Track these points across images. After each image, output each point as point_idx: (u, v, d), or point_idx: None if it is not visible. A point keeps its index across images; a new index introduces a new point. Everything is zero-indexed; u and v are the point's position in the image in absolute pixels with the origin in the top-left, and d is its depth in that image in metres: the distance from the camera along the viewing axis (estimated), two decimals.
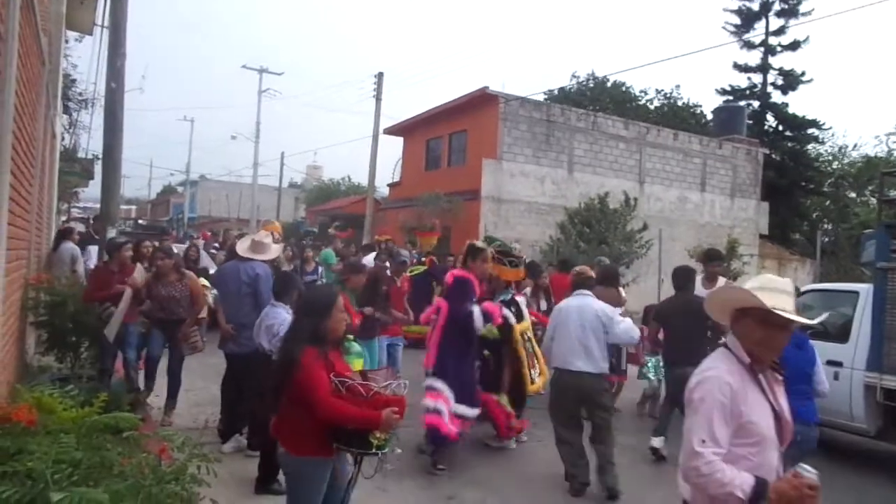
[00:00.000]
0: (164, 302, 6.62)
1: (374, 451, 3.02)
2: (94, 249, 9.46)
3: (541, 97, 23.21)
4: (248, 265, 6.04)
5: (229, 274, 6.22)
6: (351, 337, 3.63)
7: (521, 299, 6.73)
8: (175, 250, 8.32)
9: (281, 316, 5.10)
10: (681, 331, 6.24)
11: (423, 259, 12.42)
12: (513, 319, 6.23)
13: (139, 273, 6.62)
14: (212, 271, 9.92)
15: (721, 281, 7.20)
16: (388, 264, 9.11)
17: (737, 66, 31.19)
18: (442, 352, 5.62)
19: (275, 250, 6.53)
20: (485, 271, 5.99)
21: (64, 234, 9.67)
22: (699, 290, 6.83)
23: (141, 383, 6.76)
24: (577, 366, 5.26)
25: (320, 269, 11.97)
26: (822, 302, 7.03)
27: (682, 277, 6.74)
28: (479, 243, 6.23)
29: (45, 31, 6.26)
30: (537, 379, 6.33)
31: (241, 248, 6.35)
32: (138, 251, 7.41)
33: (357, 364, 3.47)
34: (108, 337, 6.26)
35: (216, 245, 15.37)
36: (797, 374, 4.23)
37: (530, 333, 6.47)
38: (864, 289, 6.76)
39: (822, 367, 4.96)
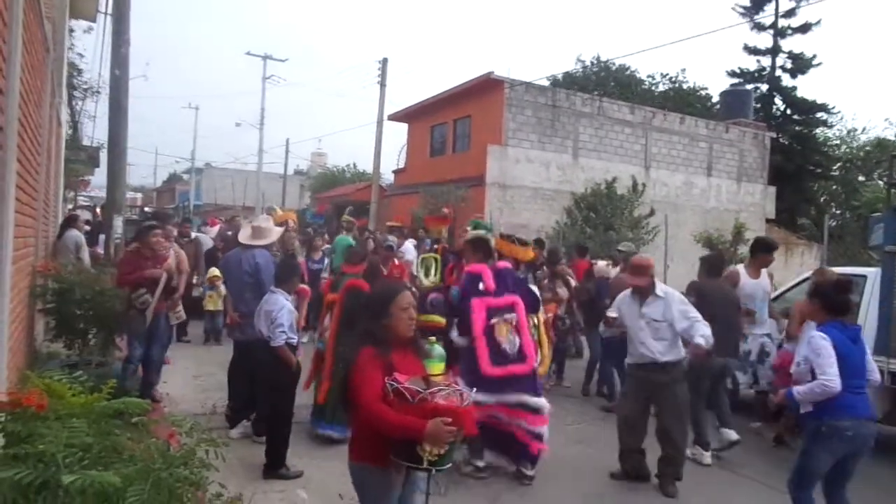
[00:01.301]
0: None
1: (425, 466, 2.65)
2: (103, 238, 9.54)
3: (546, 82, 23.07)
4: (248, 254, 6.07)
5: (233, 263, 6.27)
6: (433, 339, 3.20)
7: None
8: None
9: (280, 302, 5.15)
10: (723, 320, 5.97)
11: (435, 247, 12.26)
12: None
13: (174, 259, 6.58)
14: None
15: (764, 274, 6.98)
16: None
17: (746, 49, 30.92)
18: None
19: (275, 233, 6.52)
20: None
21: (69, 221, 9.70)
22: (744, 279, 6.72)
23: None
24: None
25: (327, 259, 11.35)
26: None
27: (718, 264, 6.66)
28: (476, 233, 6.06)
29: (48, 18, 6.26)
30: (538, 367, 6.17)
31: (243, 236, 6.40)
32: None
33: (436, 368, 3.03)
34: (144, 324, 6.18)
35: (229, 232, 15.10)
36: (855, 369, 4.07)
37: (538, 319, 6.39)
38: (872, 273, 6.75)
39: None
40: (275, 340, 5.03)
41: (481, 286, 5.48)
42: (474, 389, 5.20)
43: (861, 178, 29.37)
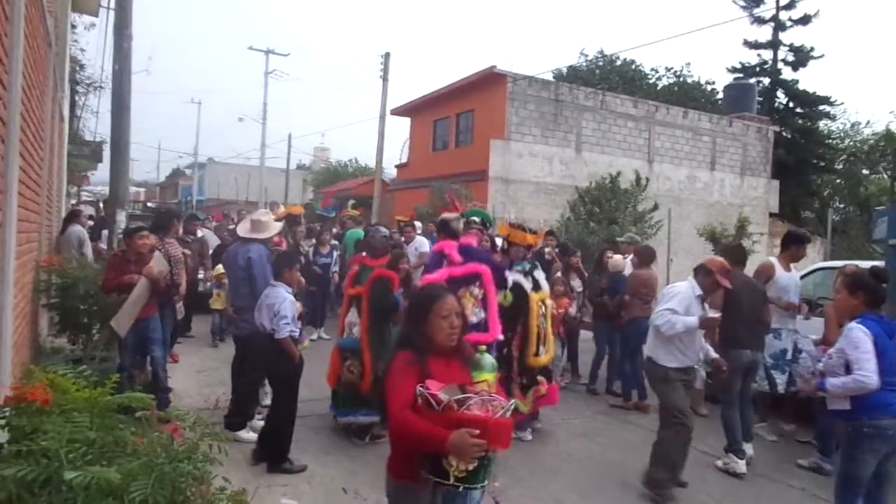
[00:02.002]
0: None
1: (451, 482, 2.40)
2: (106, 233, 9.54)
3: (549, 76, 23.02)
4: (244, 248, 6.06)
5: (231, 258, 6.28)
6: (483, 348, 2.89)
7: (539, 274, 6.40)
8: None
9: (281, 295, 5.15)
10: (750, 311, 5.85)
11: None
12: (527, 286, 6.07)
13: (157, 262, 6.17)
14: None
15: (793, 269, 6.72)
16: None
17: (747, 43, 30.73)
18: None
19: (275, 227, 6.44)
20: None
21: (72, 216, 9.72)
22: (778, 271, 6.50)
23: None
24: None
25: (335, 252, 11.09)
26: (833, 280, 6.97)
27: (741, 255, 6.41)
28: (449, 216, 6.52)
29: (51, 12, 6.25)
30: (543, 355, 6.11)
31: (242, 229, 6.39)
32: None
33: (485, 379, 2.73)
34: (117, 330, 5.83)
35: (231, 228, 14.87)
36: (891, 365, 3.85)
37: (546, 308, 6.30)
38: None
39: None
40: (279, 333, 5.03)
41: (445, 262, 5.69)
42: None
43: (865, 172, 29.27)
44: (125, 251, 6.22)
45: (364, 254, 6.29)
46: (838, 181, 30.43)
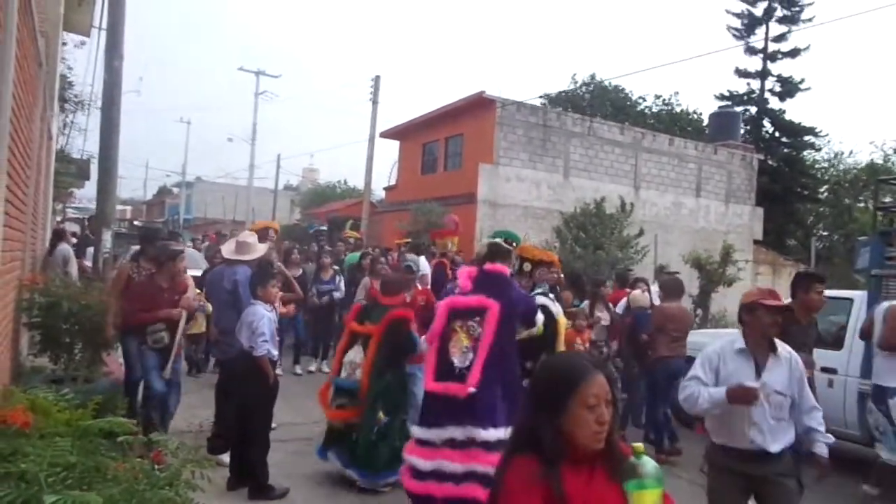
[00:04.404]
0: None
1: None
2: (91, 251, 9.47)
3: (539, 101, 23.21)
4: (231, 270, 5.99)
5: (216, 279, 6.23)
6: (640, 447, 1.89)
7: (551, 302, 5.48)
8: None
9: (259, 312, 5.08)
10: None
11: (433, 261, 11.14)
12: (557, 308, 5.30)
13: (192, 292, 5.82)
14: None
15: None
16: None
17: (737, 72, 31.29)
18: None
19: (260, 249, 6.33)
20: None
21: (60, 235, 9.66)
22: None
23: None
24: None
25: (338, 278, 10.12)
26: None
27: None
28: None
29: (42, 32, 6.26)
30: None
31: (227, 250, 6.32)
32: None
33: (649, 498, 1.81)
34: (164, 375, 5.42)
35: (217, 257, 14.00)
36: None
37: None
38: (859, 296, 6.79)
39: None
40: (257, 350, 4.96)
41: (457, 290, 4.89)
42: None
43: (847, 202, 29.65)
44: (153, 275, 5.65)
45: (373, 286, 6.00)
46: (822, 210, 30.82)
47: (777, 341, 3.52)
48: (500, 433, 4.16)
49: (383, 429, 5.23)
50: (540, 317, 4.86)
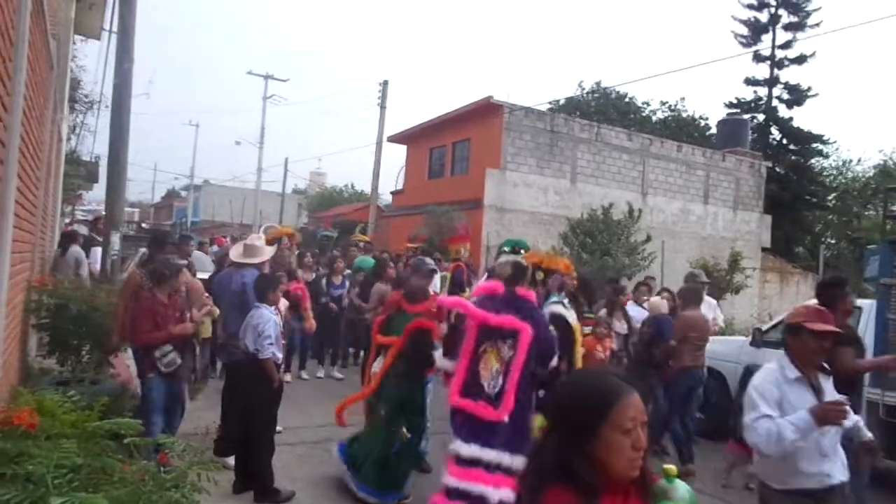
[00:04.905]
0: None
1: None
2: (98, 252, 9.48)
3: (546, 107, 23.23)
4: (238, 273, 6.01)
5: (224, 283, 6.24)
6: (672, 469, 1.86)
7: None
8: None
9: (265, 316, 5.09)
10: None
11: (447, 265, 10.94)
12: (570, 316, 5.08)
13: (197, 300, 5.71)
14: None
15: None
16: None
17: (747, 80, 31.21)
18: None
19: (267, 252, 6.34)
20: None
21: (72, 237, 9.67)
22: None
23: None
24: None
25: (346, 282, 10.06)
26: None
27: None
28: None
29: (54, 35, 6.30)
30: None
31: (234, 253, 6.35)
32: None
33: None
34: (165, 391, 5.12)
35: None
36: None
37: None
38: (867, 304, 6.75)
39: None
40: (262, 353, 4.97)
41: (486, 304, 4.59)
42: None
43: (855, 210, 29.54)
44: (153, 290, 5.21)
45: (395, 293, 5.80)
46: (830, 217, 30.68)
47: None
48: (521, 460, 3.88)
49: (404, 448, 5.09)
50: (555, 362, 4.56)
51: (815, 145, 30.55)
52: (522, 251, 5.24)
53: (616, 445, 1.59)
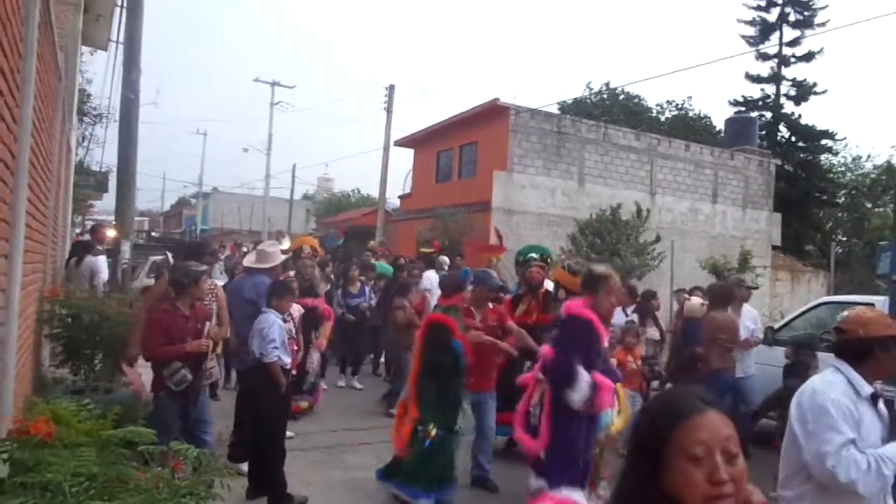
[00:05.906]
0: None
1: None
2: (101, 260, 9.46)
3: (553, 108, 23.27)
4: (250, 280, 6.05)
5: (237, 290, 6.28)
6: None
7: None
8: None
9: (270, 319, 5.11)
10: None
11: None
12: None
13: (216, 310, 5.51)
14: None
15: None
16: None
17: (750, 77, 31.10)
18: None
19: (279, 257, 6.37)
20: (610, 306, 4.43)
21: (87, 247, 9.68)
22: None
23: None
24: None
25: (366, 289, 9.82)
26: (837, 315, 6.91)
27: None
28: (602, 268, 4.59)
29: (61, 47, 6.35)
30: (616, 419, 4.51)
31: (248, 260, 6.42)
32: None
33: None
34: (176, 412, 4.77)
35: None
36: None
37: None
38: (880, 301, 6.71)
39: None
40: (267, 356, 4.98)
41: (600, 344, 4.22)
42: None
43: (867, 206, 29.36)
44: (174, 302, 4.86)
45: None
46: (841, 214, 30.50)
47: None
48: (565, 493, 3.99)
49: (435, 446, 4.92)
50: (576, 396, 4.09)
51: (824, 142, 30.39)
52: (549, 259, 5.16)
53: (684, 476, 1.29)
